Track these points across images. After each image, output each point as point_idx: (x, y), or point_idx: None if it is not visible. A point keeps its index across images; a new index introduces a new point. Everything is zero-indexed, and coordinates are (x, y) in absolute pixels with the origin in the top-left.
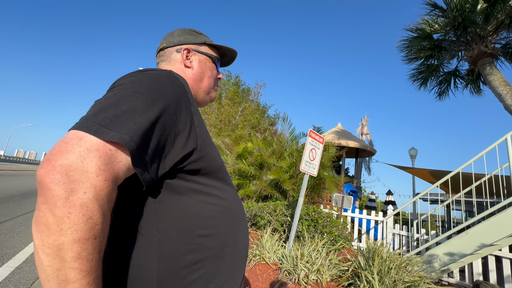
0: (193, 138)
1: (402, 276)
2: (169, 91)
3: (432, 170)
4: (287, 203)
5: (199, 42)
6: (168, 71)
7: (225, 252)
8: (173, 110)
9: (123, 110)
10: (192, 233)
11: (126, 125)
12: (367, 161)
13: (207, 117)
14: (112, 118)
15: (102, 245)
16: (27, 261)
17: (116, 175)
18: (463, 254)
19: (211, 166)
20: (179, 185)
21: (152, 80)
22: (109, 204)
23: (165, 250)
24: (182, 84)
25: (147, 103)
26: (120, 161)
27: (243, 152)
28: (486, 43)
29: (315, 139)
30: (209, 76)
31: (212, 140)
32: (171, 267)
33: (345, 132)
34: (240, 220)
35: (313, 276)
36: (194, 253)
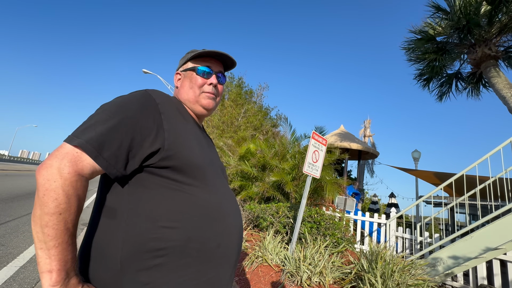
0: (159, 139)
1: (405, 279)
2: (134, 104)
3: (436, 172)
4: (290, 205)
5: (185, 62)
6: (144, 90)
7: (189, 246)
8: (136, 118)
9: (90, 123)
10: (156, 223)
11: (88, 134)
12: (369, 163)
13: (209, 119)
14: (82, 130)
15: (67, 219)
16: (31, 260)
17: (81, 170)
18: (467, 258)
19: (183, 165)
20: (151, 181)
21: (122, 98)
22: (74, 190)
23: (130, 234)
24: (153, 98)
25: (109, 115)
26: (85, 160)
27: (246, 154)
28: (490, 46)
29: (318, 141)
30: (191, 87)
31: (195, 143)
32: (135, 249)
33: (347, 134)
34: (219, 220)
35: (315, 279)
36: (157, 241)
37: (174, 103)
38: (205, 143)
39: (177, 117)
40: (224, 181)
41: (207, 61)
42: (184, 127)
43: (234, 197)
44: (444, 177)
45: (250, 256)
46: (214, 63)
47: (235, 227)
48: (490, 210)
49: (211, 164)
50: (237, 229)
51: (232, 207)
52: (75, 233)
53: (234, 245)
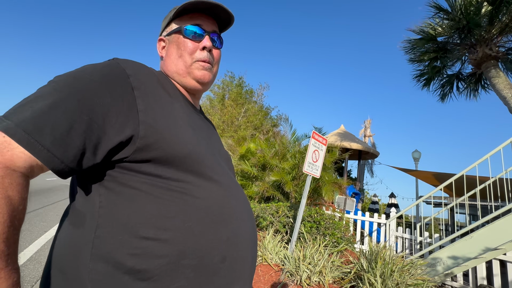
0: (131, 124)
1: (405, 279)
2: (94, 75)
3: (435, 173)
4: (290, 204)
5: (167, 23)
6: (112, 59)
7: (182, 264)
8: (95, 93)
9: (29, 99)
10: (135, 234)
11: (22, 113)
12: (369, 163)
13: (210, 118)
14: (15, 109)
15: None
16: (31, 259)
17: (10, 161)
18: (467, 258)
19: (169, 155)
20: (127, 178)
21: (79, 68)
22: (0, 190)
23: (101, 249)
24: (122, 68)
25: (55, 88)
26: (15, 147)
27: (246, 153)
28: (490, 46)
29: (318, 140)
30: (180, 55)
31: (185, 126)
32: (109, 269)
33: (348, 134)
34: (222, 224)
35: (315, 278)
36: (138, 258)
37: (155, 76)
38: (203, 127)
39: (159, 93)
40: (229, 173)
41: (196, 19)
42: (169, 107)
43: (243, 193)
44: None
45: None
46: (205, 20)
47: (245, 231)
48: (490, 211)
49: (210, 151)
50: (247, 234)
51: (241, 206)
52: (12, 252)
53: (245, 256)
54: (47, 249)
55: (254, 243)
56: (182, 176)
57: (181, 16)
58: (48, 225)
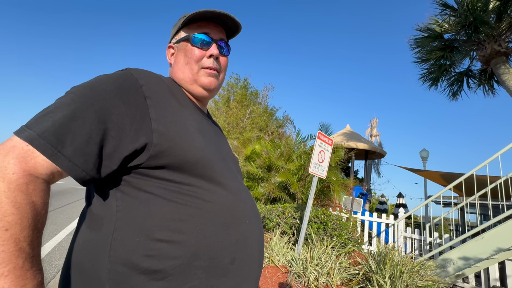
0: (145, 132)
1: (414, 280)
2: (109, 85)
3: (444, 173)
4: (296, 205)
5: (177, 31)
6: (125, 69)
7: (194, 265)
8: (110, 104)
9: (49, 110)
10: (151, 236)
11: (43, 123)
12: (376, 163)
13: (215, 120)
14: (37, 119)
15: (19, 236)
16: (42, 261)
17: (32, 169)
18: (479, 259)
19: (181, 161)
20: (142, 182)
21: (94, 79)
22: (25, 196)
23: (119, 251)
24: (135, 79)
25: (73, 99)
26: (38, 156)
27: (251, 155)
28: (499, 42)
29: (324, 141)
30: (187, 62)
31: (195, 133)
32: (126, 270)
33: (354, 134)
34: (231, 227)
35: (323, 280)
36: (153, 259)
37: (165, 84)
38: (211, 131)
39: (170, 102)
40: (238, 176)
41: (204, 27)
42: (179, 114)
43: (250, 196)
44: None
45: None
46: (213, 29)
47: (253, 234)
48: (502, 210)
49: (219, 156)
50: (255, 237)
51: (248, 209)
52: (36, 254)
53: (253, 257)
54: (58, 252)
55: (262, 244)
56: (193, 180)
57: (190, 25)
58: (58, 228)
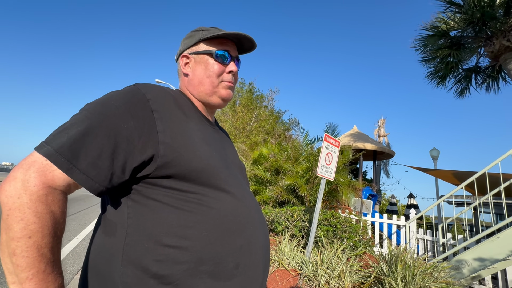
0: (152, 144)
1: (428, 282)
2: (118, 101)
3: (455, 172)
4: (305, 208)
5: (195, 42)
6: (133, 84)
7: (200, 270)
8: (120, 119)
9: (65, 126)
10: (159, 242)
11: (60, 139)
12: (385, 163)
13: (221, 125)
14: (54, 135)
15: (40, 243)
16: None
17: (51, 181)
18: (495, 260)
19: (187, 171)
20: (150, 191)
21: (105, 96)
22: (45, 206)
23: (131, 256)
24: (143, 94)
25: (86, 116)
26: (55, 169)
27: (259, 158)
28: (508, 37)
29: (331, 143)
30: (208, 76)
31: (201, 143)
32: (137, 273)
33: (361, 134)
34: (236, 233)
35: (334, 283)
36: (162, 264)
37: (171, 97)
38: (217, 140)
39: (176, 114)
40: (243, 183)
41: (224, 44)
42: (185, 126)
43: (256, 202)
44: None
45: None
46: (231, 47)
47: (257, 239)
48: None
49: (224, 164)
50: (259, 242)
51: (253, 215)
52: (57, 259)
53: (258, 263)
54: (72, 258)
55: (267, 250)
56: (199, 188)
57: (211, 40)
58: (72, 235)
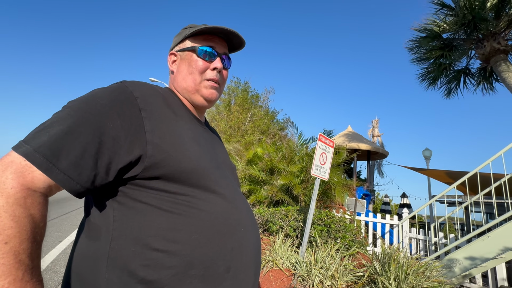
0: (139, 144)
1: (420, 281)
2: (104, 99)
3: (448, 171)
4: (299, 208)
5: (182, 39)
6: (120, 82)
7: (190, 275)
8: (106, 117)
9: (46, 125)
10: (147, 245)
11: (39, 138)
12: (378, 163)
13: (216, 124)
14: (34, 134)
15: (18, 249)
16: (47, 269)
17: (30, 183)
18: (485, 258)
19: (176, 172)
20: (137, 193)
21: (90, 93)
22: (23, 209)
23: (117, 260)
24: (130, 91)
25: (69, 114)
26: (35, 170)
27: (253, 158)
28: (498, 40)
29: (325, 143)
30: (191, 72)
31: (190, 143)
32: (123, 279)
33: (355, 134)
34: (226, 235)
35: (327, 282)
36: (149, 269)
37: (160, 95)
38: (207, 140)
39: (165, 113)
40: (234, 184)
41: (210, 40)
42: (174, 125)
43: (247, 203)
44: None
45: (261, 261)
46: (218, 43)
47: (248, 241)
48: (507, 209)
49: (214, 165)
50: (251, 244)
51: (244, 216)
52: (36, 265)
53: (249, 265)
54: (62, 259)
55: (258, 252)
56: (188, 190)
57: (196, 36)
58: (63, 235)
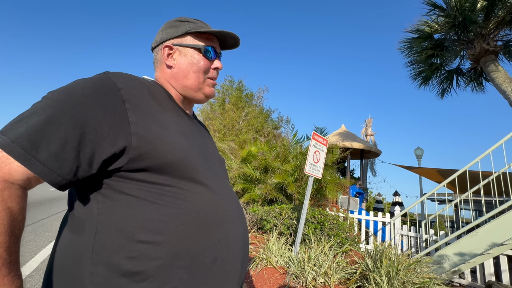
0: (123, 135)
1: (411, 277)
2: (86, 90)
3: (439, 169)
4: (293, 206)
5: (181, 34)
6: (103, 72)
7: (175, 266)
8: (88, 108)
9: (24, 115)
10: (132, 237)
11: (17, 129)
12: (371, 162)
13: (211, 123)
14: (11, 125)
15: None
16: (37, 269)
17: (7, 175)
18: (474, 254)
19: (162, 163)
20: (122, 185)
21: (71, 83)
22: (0, 202)
23: (101, 254)
24: (113, 82)
25: (48, 104)
26: (12, 162)
27: (248, 156)
28: (488, 41)
29: (319, 141)
30: (195, 71)
31: (176, 134)
32: (108, 272)
33: (349, 133)
34: (212, 227)
35: (320, 279)
36: (134, 261)
37: (146, 87)
38: (195, 132)
39: (150, 104)
40: (222, 177)
41: (211, 40)
42: (160, 117)
43: (234, 195)
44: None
45: (255, 259)
46: (216, 43)
47: (235, 233)
48: (495, 206)
49: (202, 157)
50: (238, 236)
51: (231, 208)
52: (14, 259)
53: (236, 257)
54: None
55: (245, 244)
56: (175, 181)
57: (199, 34)
58: (53, 235)
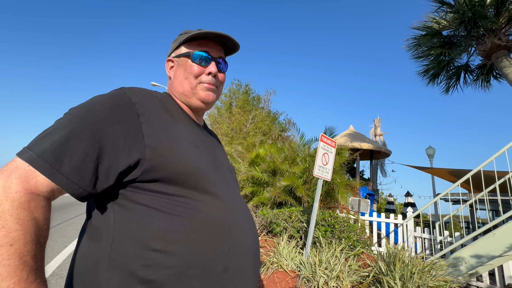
0: (138, 148)
1: (426, 281)
2: (103, 106)
3: (451, 170)
4: (302, 209)
5: (178, 45)
6: (119, 88)
7: (188, 274)
8: (105, 123)
9: (48, 131)
10: (146, 246)
11: (42, 144)
12: (381, 162)
13: (218, 126)
14: (37, 141)
15: (22, 251)
16: (53, 274)
17: (34, 187)
18: (491, 256)
19: (174, 174)
20: (137, 196)
21: (90, 100)
22: (27, 213)
23: (117, 261)
24: (129, 97)
25: (70, 120)
26: (38, 175)
27: (256, 159)
28: (499, 36)
29: (327, 143)
30: (186, 77)
31: (188, 146)
32: (124, 279)
33: (357, 134)
34: (224, 236)
35: (332, 283)
36: (149, 269)
37: (159, 100)
38: (206, 142)
39: (163, 117)
40: (232, 186)
41: (204, 45)
42: (172, 129)
43: (245, 205)
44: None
45: (265, 262)
46: (213, 47)
47: (246, 242)
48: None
49: (213, 167)
50: (249, 245)
51: (242, 218)
52: (40, 267)
53: (247, 265)
54: (68, 264)
55: (256, 253)
56: (187, 192)
57: (191, 42)
58: (68, 240)
